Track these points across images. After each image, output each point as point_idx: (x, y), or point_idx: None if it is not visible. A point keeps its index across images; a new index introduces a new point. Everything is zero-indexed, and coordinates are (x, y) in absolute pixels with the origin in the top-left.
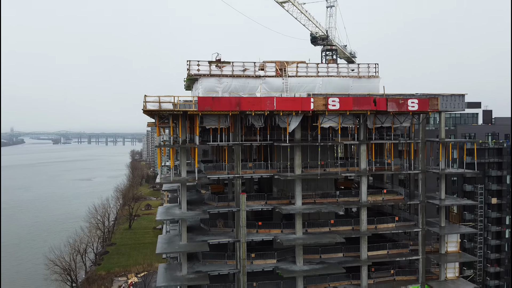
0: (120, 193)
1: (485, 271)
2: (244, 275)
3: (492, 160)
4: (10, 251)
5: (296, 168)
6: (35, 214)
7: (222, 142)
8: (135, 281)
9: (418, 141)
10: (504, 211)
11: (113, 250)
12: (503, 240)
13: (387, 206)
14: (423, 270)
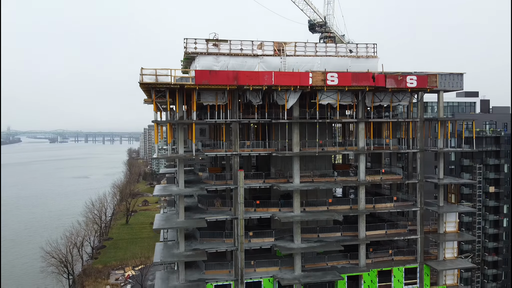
0: (117, 189)
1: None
2: (242, 252)
3: (489, 149)
4: (7, 246)
5: (294, 146)
6: (31, 211)
7: (220, 119)
8: (132, 274)
9: (417, 119)
10: (502, 199)
11: (110, 245)
12: (501, 229)
13: (386, 187)
14: (422, 250)
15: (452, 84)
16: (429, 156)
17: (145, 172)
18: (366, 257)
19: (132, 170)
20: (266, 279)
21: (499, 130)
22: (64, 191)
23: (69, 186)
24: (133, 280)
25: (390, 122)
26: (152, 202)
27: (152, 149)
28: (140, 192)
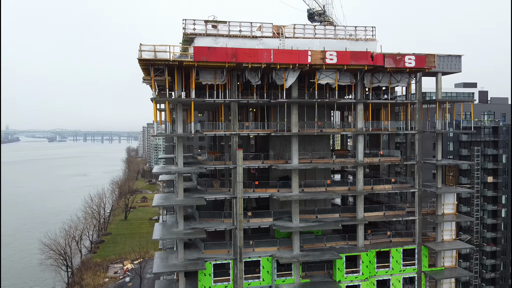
0: (116, 185)
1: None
2: (240, 230)
3: (488, 139)
4: (6, 241)
5: (292, 126)
6: (29, 207)
7: (219, 99)
8: (131, 267)
9: (415, 101)
10: (500, 190)
11: (109, 239)
12: (499, 219)
13: (384, 172)
14: (420, 231)
15: (450, 66)
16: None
17: (143, 170)
18: (364, 238)
19: (131, 167)
20: (265, 258)
21: (497, 120)
22: (62, 188)
23: (68, 184)
24: (131, 273)
25: (388, 103)
26: (150, 199)
27: (151, 147)
28: (139, 189)
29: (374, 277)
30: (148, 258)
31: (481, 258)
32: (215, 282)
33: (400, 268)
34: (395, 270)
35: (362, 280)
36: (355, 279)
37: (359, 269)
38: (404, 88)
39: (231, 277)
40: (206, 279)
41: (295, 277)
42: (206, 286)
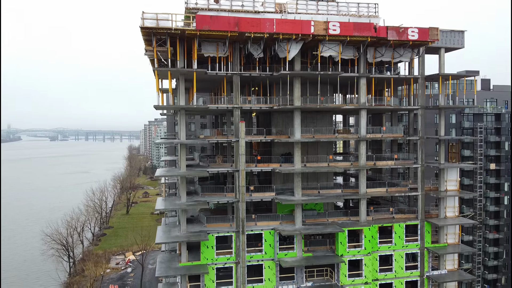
0: (118, 181)
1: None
2: (243, 202)
3: (490, 126)
4: (7, 235)
5: (295, 100)
6: (31, 203)
7: (221, 72)
8: (132, 258)
9: (418, 76)
10: (502, 177)
11: (111, 233)
12: (501, 207)
13: (387, 150)
14: (423, 207)
15: (453, 41)
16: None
17: (145, 167)
18: (367, 215)
19: (132, 163)
20: (267, 231)
21: (500, 107)
22: (64, 184)
23: (69, 181)
24: (133, 264)
25: (391, 78)
26: (152, 194)
27: (152, 144)
28: (140, 185)
29: (377, 252)
30: (150, 250)
31: (484, 246)
32: (217, 254)
33: (402, 243)
34: (398, 246)
35: (365, 255)
36: (357, 254)
37: (361, 243)
38: (407, 65)
39: (233, 250)
40: (208, 252)
41: (297, 250)
42: (208, 258)
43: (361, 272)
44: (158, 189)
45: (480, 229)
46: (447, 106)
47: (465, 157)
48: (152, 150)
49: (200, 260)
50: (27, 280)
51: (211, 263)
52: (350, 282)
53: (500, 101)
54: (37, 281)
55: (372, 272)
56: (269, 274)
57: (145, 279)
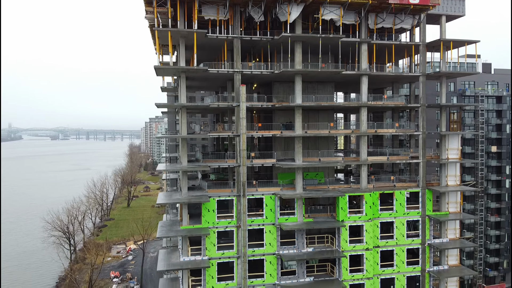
0: (119, 175)
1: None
2: (244, 166)
3: (491, 108)
4: (8, 228)
5: (296, 65)
6: (31, 197)
7: (221, 35)
8: (134, 247)
9: (419, 43)
10: (504, 160)
11: (112, 224)
12: (503, 190)
13: (388, 122)
14: (424, 174)
15: (454, 8)
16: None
17: (146, 163)
18: (368, 182)
19: (133, 159)
20: (268, 196)
21: (501, 90)
22: (65, 180)
23: (70, 177)
24: (134, 253)
25: (393, 45)
26: (153, 189)
27: (153, 140)
28: (141, 180)
29: (378, 219)
30: (151, 239)
31: (485, 230)
32: (218, 218)
33: (403, 211)
34: (399, 213)
35: (366, 221)
36: (358, 219)
37: (362, 209)
38: (408, 35)
39: (234, 214)
40: (209, 215)
41: (298, 216)
42: (210, 222)
43: (362, 238)
44: (159, 183)
45: (482, 198)
46: (448, 72)
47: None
48: (153, 146)
49: (202, 223)
50: (29, 269)
51: (212, 227)
52: (351, 247)
53: (501, 84)
54: (37, 271)
55: (373, 238)
56: (270, 239)
57: (146, 266)
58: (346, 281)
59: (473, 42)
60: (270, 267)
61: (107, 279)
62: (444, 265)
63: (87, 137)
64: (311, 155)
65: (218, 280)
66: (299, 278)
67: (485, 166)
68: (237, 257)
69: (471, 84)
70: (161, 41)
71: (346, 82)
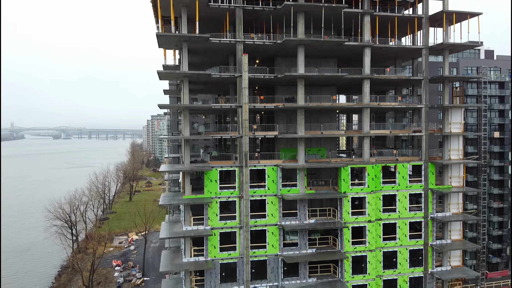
0: (121, 171)
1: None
2: (246, 136)
3: (494, 94)
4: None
5: (299, 35)
6: (33, 192)
7: (223, 4)
8: (136, 238)
9: (422, 16)
10: (507, 146)
11: (114, 217)
12: (505, 176)
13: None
14: (427, 147)
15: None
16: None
17: (148, 160)
18: (370, 156)
19: (135, 155)
20: (270, 167)
21: (504, 76)
22: (67, 176)
23: (73, 173)
24: (136, 243)
25: (395, 17)
26: (155, 184)
27: (155, 137)
28: (143, 176)
29: (380, 191)
30: (154, 230)
31: (488, 216)
32: (221, 188)
33: (406, 184)
34: (401, 186)
35: (368, 193)
36: (360, 191)
37: (364, 181)
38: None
39: (236, 184)
40: (212, 185)
41: (300, 187)
42: (212, 192)
43: (364, 210)
44: (161, 179)
45: (485, 172)
46: (451, 43)
47: None
48: (155, 144)
49: (204, 193)
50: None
51: (214, 197)
52: (353, 219)
53: (503, 70)
54: (39, 261)
55: (375, 211)
56: (272, 210)
57: (148, 255)
58: (348, 252)
59: (476, 14)
60: (272, 238)
61: (109, 268)
62: (447, 239)
63: (89, 136)
64: (313, 129)
65: (221, 250)
66: (301, 249)
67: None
68: (239, 227)
69: (474, 69)
70: (163, 12)
71: (349, 59)
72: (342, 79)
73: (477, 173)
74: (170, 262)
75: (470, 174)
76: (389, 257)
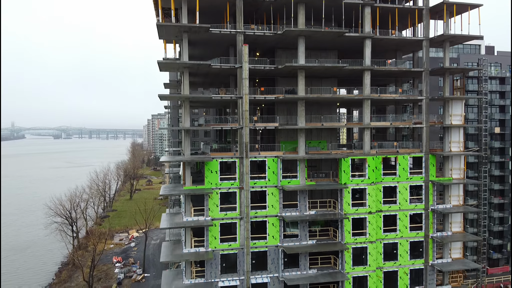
0: (122, 169)
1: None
2: (246, 127)
3: (494, 89)
4: (11, 219)
5: (299, 25)
6: (33, 191)
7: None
8: (136, 235)
9: (422, 7)
10: (507, 141)
11: (114, 215)
12: (506, 172)
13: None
14: (427, 139)
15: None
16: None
17: (148, 159)
18: (370, 148)
19: (135, 154)
20: (270, 158)
21: (504, 72)
22: (67, 175)
23: (73, 172)
24: (136, 240)
25: (396, 8)
26: (156, 183)
27: (156, 135)
28: (144, 175)
29: (381, 183)
30: (154, 228)
31: (489, 211)
32: (221, 179)
33: (407, 175)
34: (402, 178)
35: (368, 184)
36: (361, 183)
37: (365, 173)
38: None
39: (237, 175)
40: (212, 176)
41: (301, 179)
42: (212, 183)
43: (365, 201)
44: (162, 178)
45: (485, 164)
46: (451, 34)
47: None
48: (155, 143)
49: (204, 184)
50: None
51: (215, 187)
52: (353, 211)
53: (504, 65)
54: (40, 259)
55: (375, 202)
56: (273, 201)
57: (148, 252)
58: (349, 244)
59: (476, 6)
60: (273, 229)
61: (110, 264)
62: (447, 231)
63: (90, 136)
64: (314, 121)
65: (221, 241)
66: (301, 240)
67: (488, 133)
68: (239, 218)
69: (474, 64)
70: (163, 3)
71: (349, 51)
72: (343, 71)
73: (477, 167)
74: (170, 253)
75: (471, 169)
76: (390, 249)
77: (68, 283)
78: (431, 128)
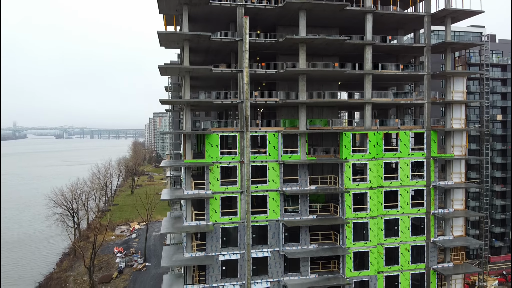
0: (123, 165)
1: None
2: (247, 100)
3: (496, 76)
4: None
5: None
6: (34, 187)
7: None
8: (137, 227)
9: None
10: (509, 128)
11: (115, 209)
12: (508, 159)
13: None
14: (429, 115)
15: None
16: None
17: (150, 156)
18: (372, 124)
19: (137, 151)
20: (271, 133)
21: (506, 59)
22: (68, 171)
23: (75, 169)
24: (138, 232)
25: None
26: (157, 179)
27: (157, 135)
28: (145, 171)
29: (382, 159)
30: (155, 220)
31: (491, 199)
32: (222, 154)
33: (408, 151)
34: (403, 154)
35: (369, 159)
36: (361, 158)
37: (366, 148)
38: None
39: (237, 150)
40: (213, 150)
41: (301, 154)
42: (213, 157)
43: (366, 176)
44: (163, 175)
45: (488, 141)
46: (453, 9)
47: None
48: (157, 141)
49: (205, 158)
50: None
51: (215, 161)
52: (354, 185)
53: (506, 53)
54: (41, 251)
55: (376, 178)
56: (273, 175)
57: (149, 243)
58: (349, 219)
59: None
60: (273, 203)
61: (111, 254)
62: (449, 208)
63: (91, 135)
64: (315, 97)
65: (222, 214)
66: (302, 215)
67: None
68: (240, 192)
69: (476, 52)
70: None
71: (350, 28)
72: (344, 48)
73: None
74: (171, 226)
75: (473, 161)
76: (391, 225)
77: (69, 272)
78: (433, 107)
